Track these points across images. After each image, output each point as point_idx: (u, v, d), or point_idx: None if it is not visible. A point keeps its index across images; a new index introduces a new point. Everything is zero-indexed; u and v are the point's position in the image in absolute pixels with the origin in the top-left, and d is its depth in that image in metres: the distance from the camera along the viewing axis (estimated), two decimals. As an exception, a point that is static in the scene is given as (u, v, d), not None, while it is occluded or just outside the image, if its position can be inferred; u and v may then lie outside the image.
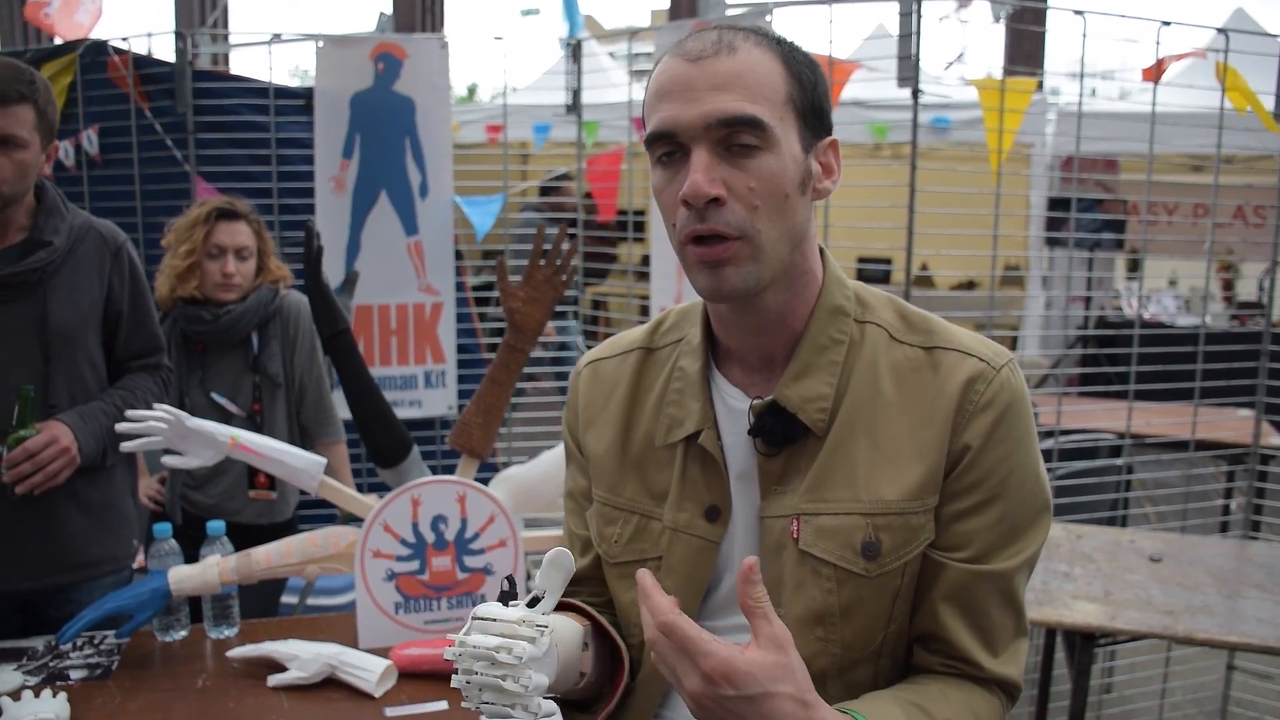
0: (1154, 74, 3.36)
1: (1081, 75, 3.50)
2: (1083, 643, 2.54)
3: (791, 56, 1.09)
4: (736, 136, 1.04)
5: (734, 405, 1.18)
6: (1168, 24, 3.34)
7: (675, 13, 10.28)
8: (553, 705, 1.02)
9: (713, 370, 1.21)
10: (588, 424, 1.29)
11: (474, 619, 1.01)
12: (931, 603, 1.11)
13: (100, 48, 3.95)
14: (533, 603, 1.03)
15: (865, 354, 1.15)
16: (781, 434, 1.13)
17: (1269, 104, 3.44)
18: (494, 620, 1.01)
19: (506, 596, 1.05)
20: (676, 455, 1.20)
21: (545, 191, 6.02)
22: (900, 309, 1.20)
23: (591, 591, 1.31)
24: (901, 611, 1.12)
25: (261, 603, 2.81)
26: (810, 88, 1.10)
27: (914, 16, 3.22)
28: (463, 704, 1.01)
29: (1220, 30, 3.40)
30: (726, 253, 1.06)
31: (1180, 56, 3.40)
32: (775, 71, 1.07)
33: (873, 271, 7.99)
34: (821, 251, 1.20)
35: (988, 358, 1.12)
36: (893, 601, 1.11)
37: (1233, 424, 4.19)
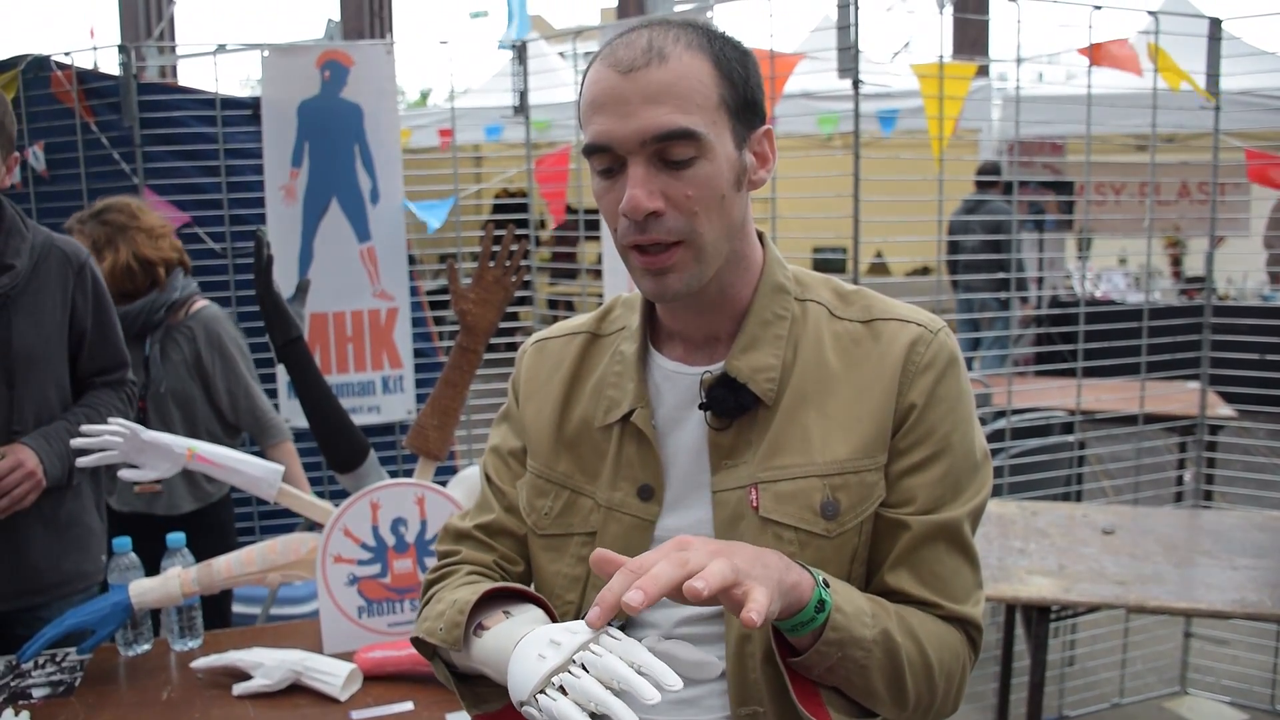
0: (1090, 55, 3.42)
1: (1019, 60, 3.56)
2: (1039, 616, 2.59)
3: (722, 54, 1.11)
4: (671, 150, 1.07)
5: (678, 379, 1.21)
6: (1099, 8, 3.40)
7: (623, 11, 10.33)
8: None
9: (650, 351, 1.25)
10: (528, 397, 1.32)
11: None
12: (887, 564, 1.15)
13: (43, 63, 3.90)
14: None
15: (809, 329, 1.20)
16: (734, 404, 1.16)
17: (1202, 83, 3.50)
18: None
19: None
20: (613, 435, 1.23)
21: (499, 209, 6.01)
22: (836, 287, 1.25)
23: (505, 549, 1.31)
24: (858, 574, 1.16)
25: (214, 607, 2.78)
26: (742, 83, 1.12)
27: (852, 8, 3.26)
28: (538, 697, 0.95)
29: (1151, 13, 3.46)
30: (670, 259, 1.10)
31: (1112, 44, 3.45)
32: (706, 75, 1.08)
33: (829, 261, 8.05)
34: (760, 236, 1.24)
35: (924, 323, 1.19)
36: (850, 562, 1.14)
37: (1181, 396, 4.28)
